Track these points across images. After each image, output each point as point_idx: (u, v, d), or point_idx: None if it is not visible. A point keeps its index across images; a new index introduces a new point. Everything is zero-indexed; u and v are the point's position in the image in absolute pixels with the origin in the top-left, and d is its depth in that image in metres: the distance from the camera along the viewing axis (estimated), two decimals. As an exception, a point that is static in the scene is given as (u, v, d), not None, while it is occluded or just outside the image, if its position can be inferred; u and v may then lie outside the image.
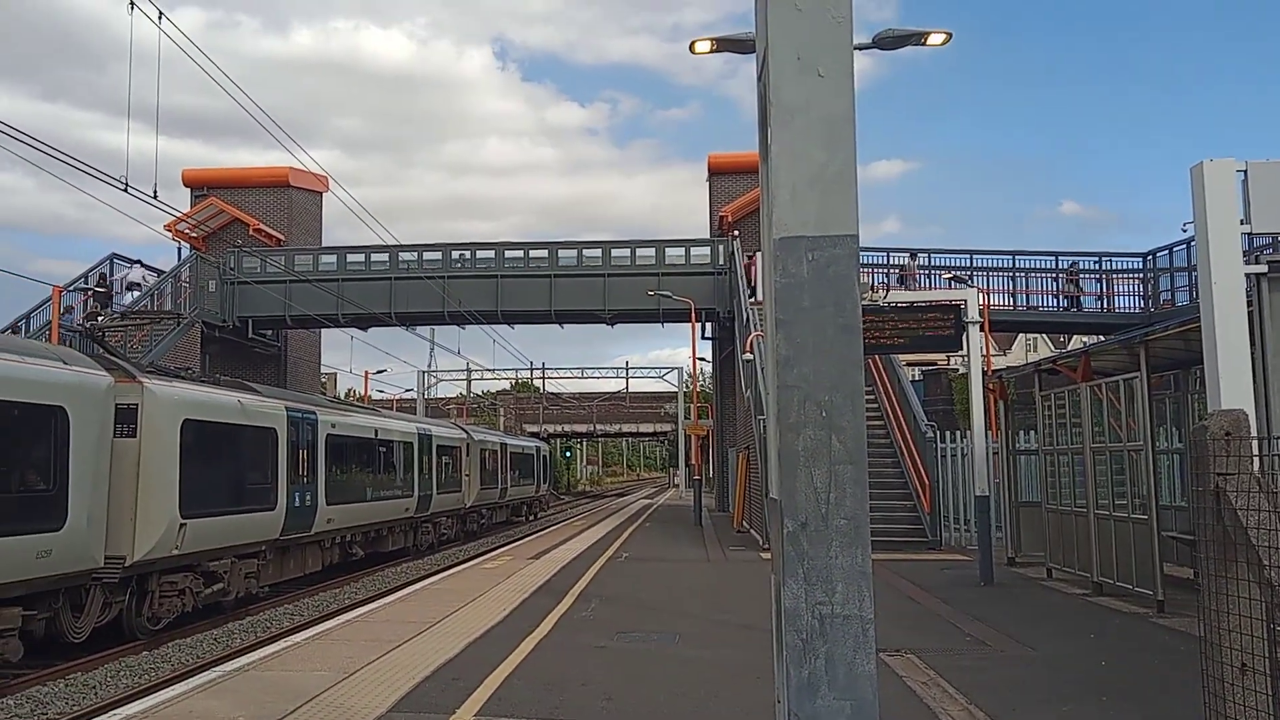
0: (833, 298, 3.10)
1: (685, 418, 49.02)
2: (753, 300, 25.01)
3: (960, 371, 33.36)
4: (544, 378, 63.65)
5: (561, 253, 30.95)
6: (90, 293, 26.11)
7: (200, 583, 14.04)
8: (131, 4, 12.00)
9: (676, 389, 61.05)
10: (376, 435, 21.88)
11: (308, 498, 17.48)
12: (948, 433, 20.85)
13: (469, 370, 59.20)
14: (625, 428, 79.20)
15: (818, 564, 3.04)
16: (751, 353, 22.18)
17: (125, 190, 12.87)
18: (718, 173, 34.58)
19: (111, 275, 27.11)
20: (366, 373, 50.50)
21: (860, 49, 13.56)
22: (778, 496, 3.18)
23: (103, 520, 11.64)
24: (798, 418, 3.09)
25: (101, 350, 13.95)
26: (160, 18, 12.22)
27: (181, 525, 13.09)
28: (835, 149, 3.14)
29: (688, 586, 14.57)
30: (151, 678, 10.96)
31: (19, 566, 10.26)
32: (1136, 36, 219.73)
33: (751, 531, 24.22)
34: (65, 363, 11.43)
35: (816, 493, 3.06)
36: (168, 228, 30.78)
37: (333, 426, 19.03)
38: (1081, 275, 28.70)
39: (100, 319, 22.36)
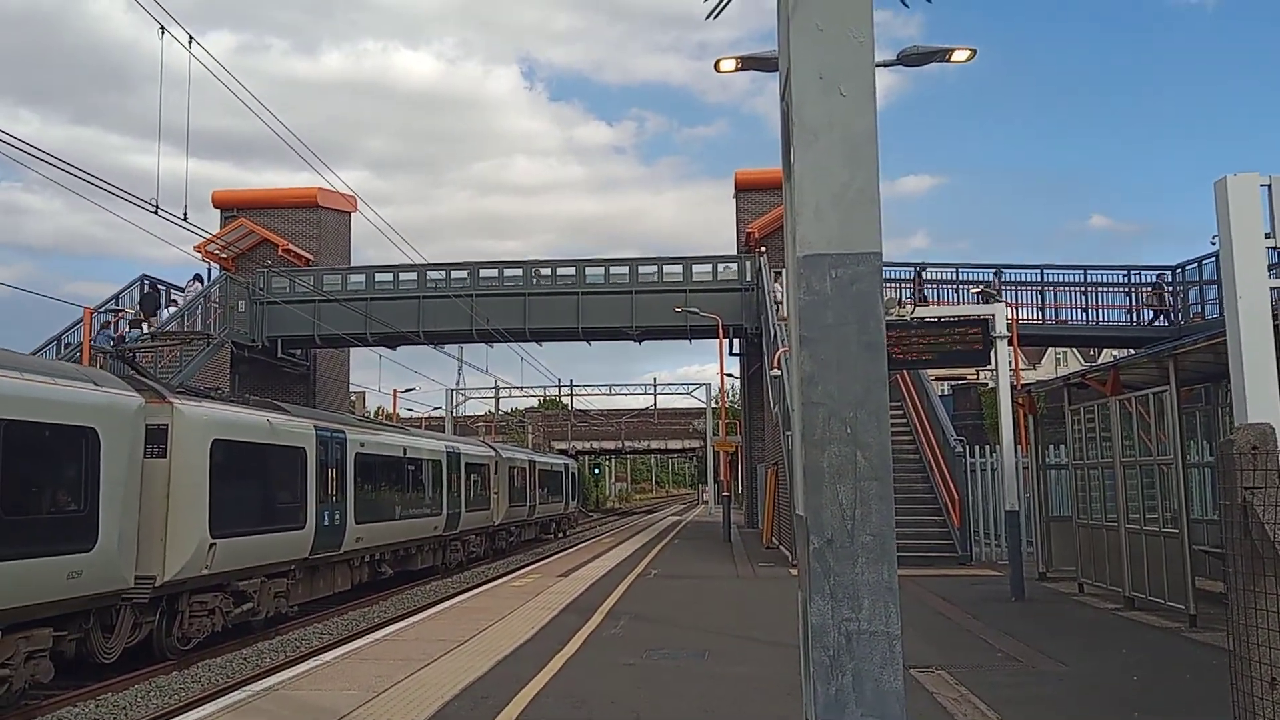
0: (856, 315, 3.12)
1: (713, 434, 48.94)
2: (780, 316, 25.01)
3: (989, 386, 33.13)
4: (572, 395, 63.88)
5: (589, 270, 31.07)
6: (129, 312, 26.63)
7: (230, 602, 14.11)
8: (162, 29, 12.22)
9: (705, 405, 60.98)
10: (405, 454, 21.96)
11: (336, 516, 17.56)
12: (977, 447, 20.70)
13: (497, 388, 59.52)
14: (654, 444, 79.16)
15: (844, 580, 3.05)
16: (779, 368, 22.15)
17: (156, 212, 13.10)
18: (745, 189, 34.63)
19: (143, 292, 27.57)
20: (395, 391, 50.97)
21: (884, 66, 13.58)
22: (803, 513, 3.20)
23: (133, 540, 11.67)
24: (822, 434, 3.10)
25: (132, 371, 14.15)
26: (190, 42, 12.45)
27: (211, 545, 13.14)
28: (858, 167, 3.17)
29: (717, 603, 14.53)
30: (181, 698, 11.07)
31: (50, 588, 10.30)
32: (1166, 48, 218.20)
33: (781, 548, 24.11)
34: (96, 384, 11.52)
35: (842, 509, 3.07)
36: (197, 249, 31.21)
37: (361, 445, 19.10)
38: (1166, 290, 28.24)
39: (130, 337, 22.81)
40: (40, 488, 10.56)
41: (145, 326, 26.11)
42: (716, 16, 5.20)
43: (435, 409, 60.56)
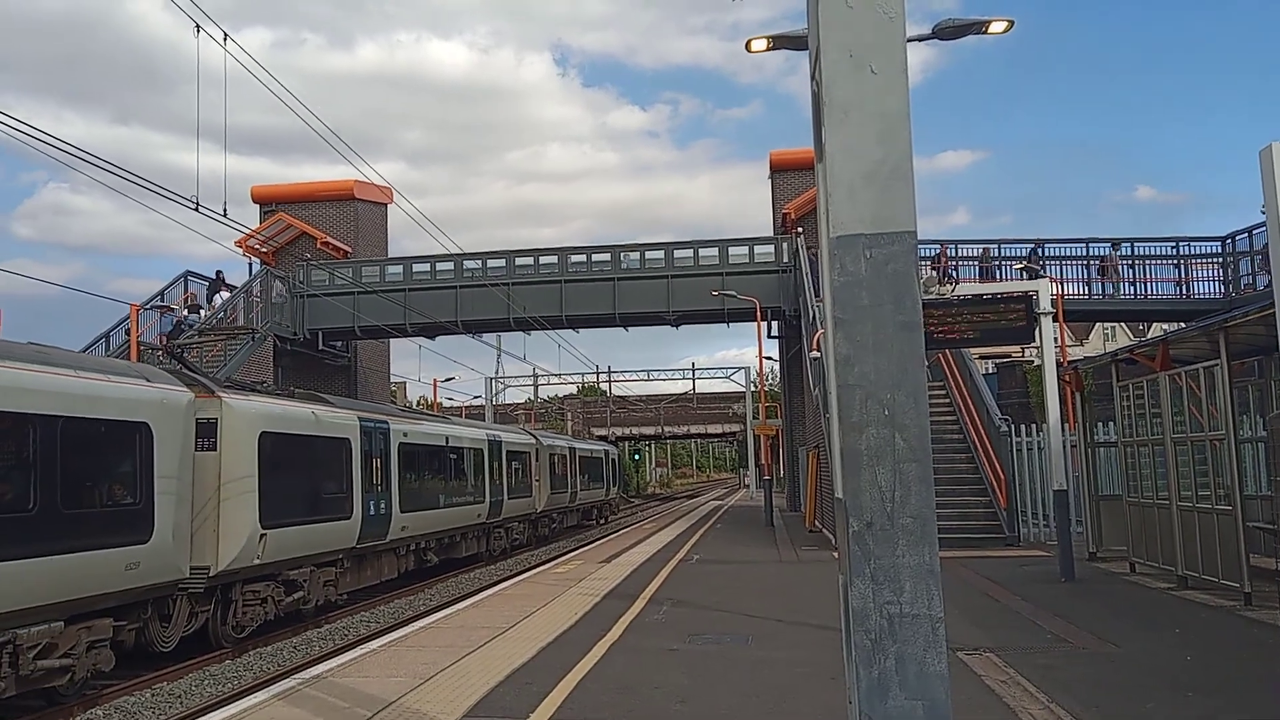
0: (892, 295, 3.07)
1: (754, 418, 48.79)
2: (817, 298, 24.83)
3: (1034, 363, 32.64)
4: (610, 381, 63.93)
5: (625, 256, 31.01)
6: (194, 296, 27.55)
7: (281, 591, 14.36)
8: (198, 27, 12.33)
9: (744, 389, 60.79)
10: (447, 442, 22.14)
11: (382, 506, 17.74)
12: (1023, 426, 20.42)
13: (535, 375, 59.70)
14: (693, 429, 79.08)
15: (884, 563, 3.01)
16: (818, 351, 22.00)
17: (196, 209, 13.22)
18: (780, 170, 34.36)
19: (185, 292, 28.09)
20: (435, 381, 51.30)
21: (920, 40, 13.39)
22: (842, 496, 3.17)
23: (187, 532, 11.94)
24: (860, 417, 3.07)
25: (181, 367, 14.36)
26: (225, 39, 12.55)
27: (262, 535, 13.39)
28: (891, 145, 3.12)
29: (759, 588, 14.51)
30: (234, 686, 11.29)
31: (109, 578, 10.57)
32: (1211, 12, 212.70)
33: (824, 531, 24.02)
34: (148, 380, 11.74)
35: (881, 492, 3.03)
36: (238, 244, 31.64)
37: (404, 435, 19.27)
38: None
39: (181, 336, 23.30)
40: (98, 482, 10.78)
41: (202, 313, 27.01)
42: (745, -4, 5.13)
43: (475, 398, 61.03)
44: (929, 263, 26.96)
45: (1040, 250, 27.84)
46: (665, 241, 31.48)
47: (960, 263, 27.74)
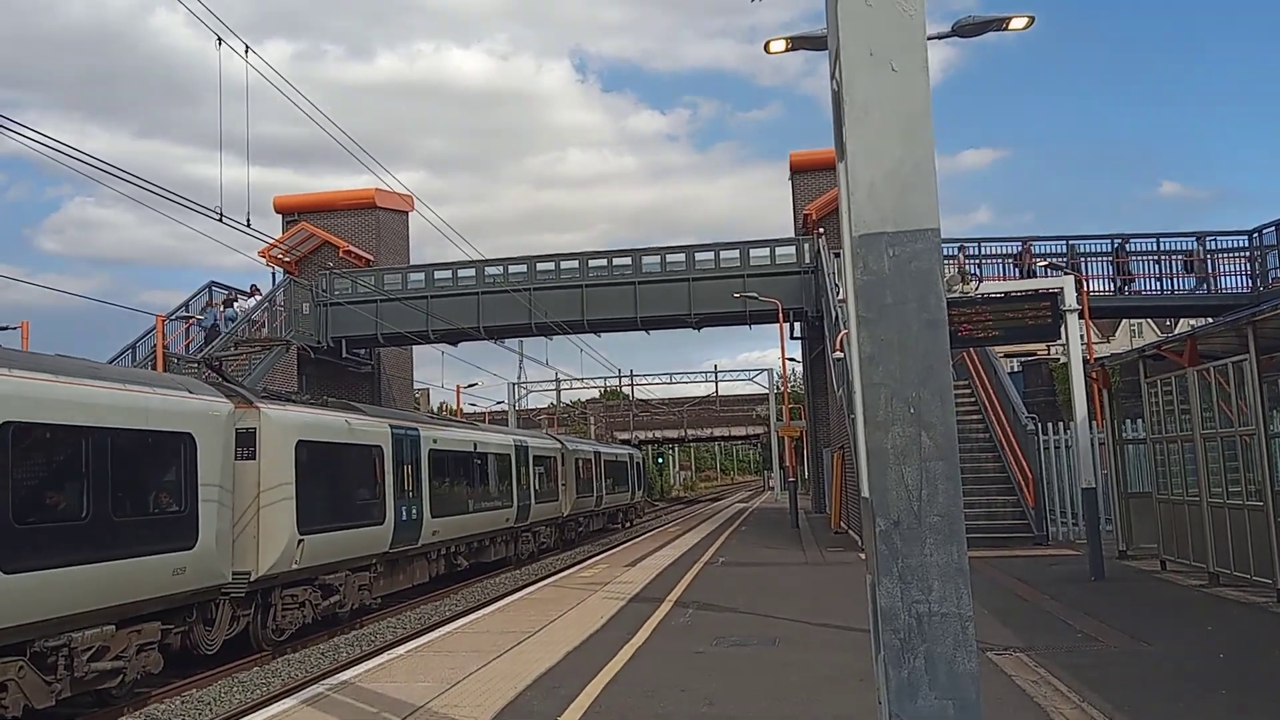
0: (916, 293, 3.06)
1: (777, 419, 48.65)
2: (840, 299, 24.72)
3: (1061, 361, 32.37)
4: (632, 384, 63.93)
5: (645, 259, 31.01)
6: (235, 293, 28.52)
7: (318, 595, 14.68)
8: (219, 40, 12.45)
9: (767, 391, 60.63)
10: (475, 448, 22.42)
11: (414, 511, 18.02)
12: (1050, 424, 20.25)
13: (558, 380, 59.85)
14: (717, 432, 78.84)
15: (912, 562, 3.00)
16: (842, 351, 21.91)
17: (220, 220, 13.34)
18: (800, 171, 34.26)
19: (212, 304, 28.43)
20: (458, 387, 51.51)
21: (940, 38, 13.32)
22: (869, 495, 3.16)
23: (229, 538, 12.30)
24: (885, 415, 3.06)
25: (219, 378, 14.69)
26: (247, 51, 12.66)
27: (300, 541, 13.73)
28: (912, 143, 3.11)
29: (785, 590, 14.46)
30: (262, 692, 11.38)
31: (158, 583, 10.96)
32: (1233, 6, 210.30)
33: (850, 532, 23.92)
34: (190, 392, 12.16)
35: (908, 490, 3.02)
36: (261, 254, 31.87)
37: (434, 441, 19.55)
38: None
39: (227, 316, 24.02)
40: (146, 491, 11.19)
41: (236, 306, 27.76)
42: (763, -3, 5.13)
43: (498, 403, 61.15)
44: (951, 261, 26.76)
45: (1069, 246, 27.57)
46: (686, 244, 31.45)
47: (987, 260, 27.51)
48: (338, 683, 9.03)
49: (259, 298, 28.81)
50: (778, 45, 12.73)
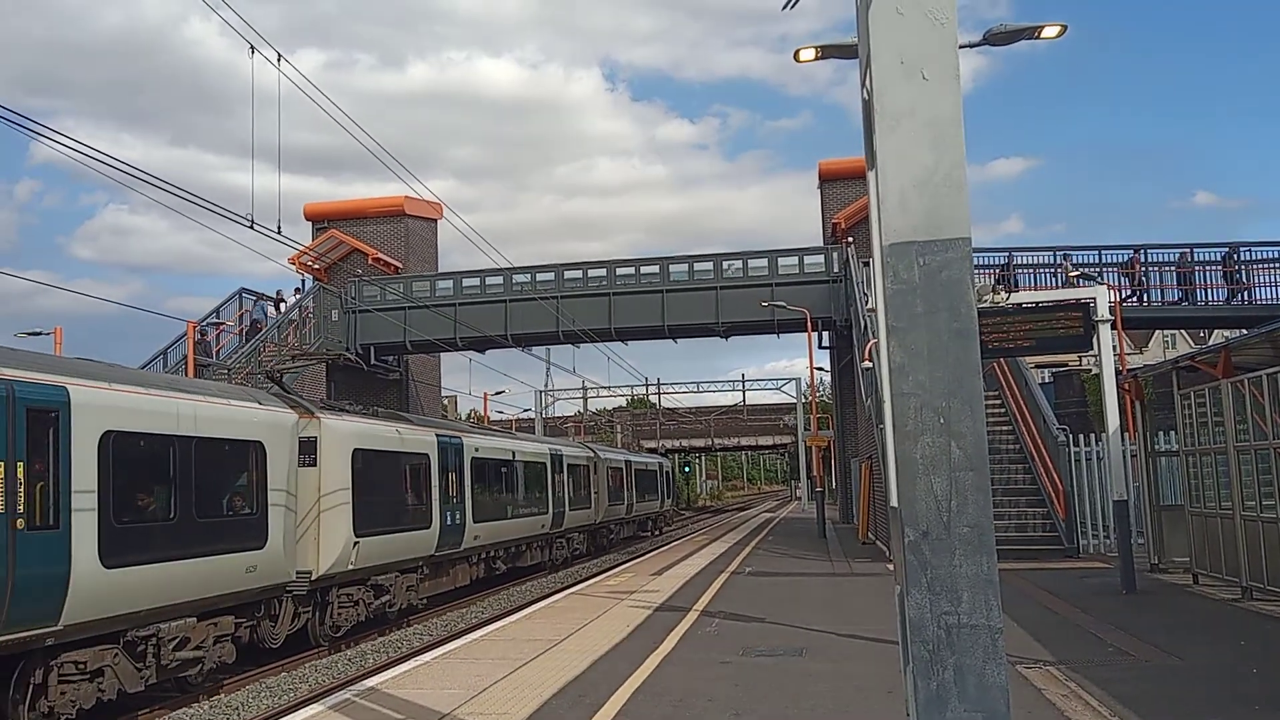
0: (946, 302, 3.05)
1: (805, 429, 48.41)
2: (869, 308, 24.59)
3: (1092, 371, 31.99)
4: (659, 393, 63.85)
5: (673, 267, 31.01)
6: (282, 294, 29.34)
7: (371, 595, 15.41)
8: (252, 49, 12.59)
9: (795, 400, 60.37)
10: (514, 457, 23.12)
11: (457, 516, 18.72)
12: (1081, 436, 20.02)
13: (585, 388, 59.91)
14: (744, 441, 78.55)
15: (941, 573, 2.98)
16: (870, 361, 21.79)
17: (251, 227, 13.46)
18: (829, 179, 34.16)
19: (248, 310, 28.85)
20: (485, 394, 51.75)
21: (971, 47, 13.25)
22: (897, 505, 3.14)
23: (293, 539, 13.10)
24: (915, 425, 3.04)
25: (281, 389, 15.37)
26: (280, 60, 12.79)
27: (355, 543, 14.49)
28: (943, 152, 3.10)
29: (812, 600, 14.39)
30: (290, 698, 11.49)
31: (233, 579, 11.83)
32: (1269, 14, 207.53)
33: (877, 543, 23.76)
34: (260, 403, 13.04)
35: (937, 501, 3.00)
36: (291, 261, 32.17)
37: (476, 450, 20.28)
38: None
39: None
40: (223, 495, 12.04)
41: (281, 307, 28.76)
42: (793, 7, 5.13)
43: (525, 411, 61.28)
44: (994, 270, 26.54)
45: (1101, 257, 27.25)
46: (714, 253, 31.42)
47: (1020, 270, 27.26)
48: (365, 688, 9.08)
49: (290, 301, 29.28)
50: (808, 54, 12.71)
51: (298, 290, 30.70)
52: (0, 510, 8.66)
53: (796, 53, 12.82)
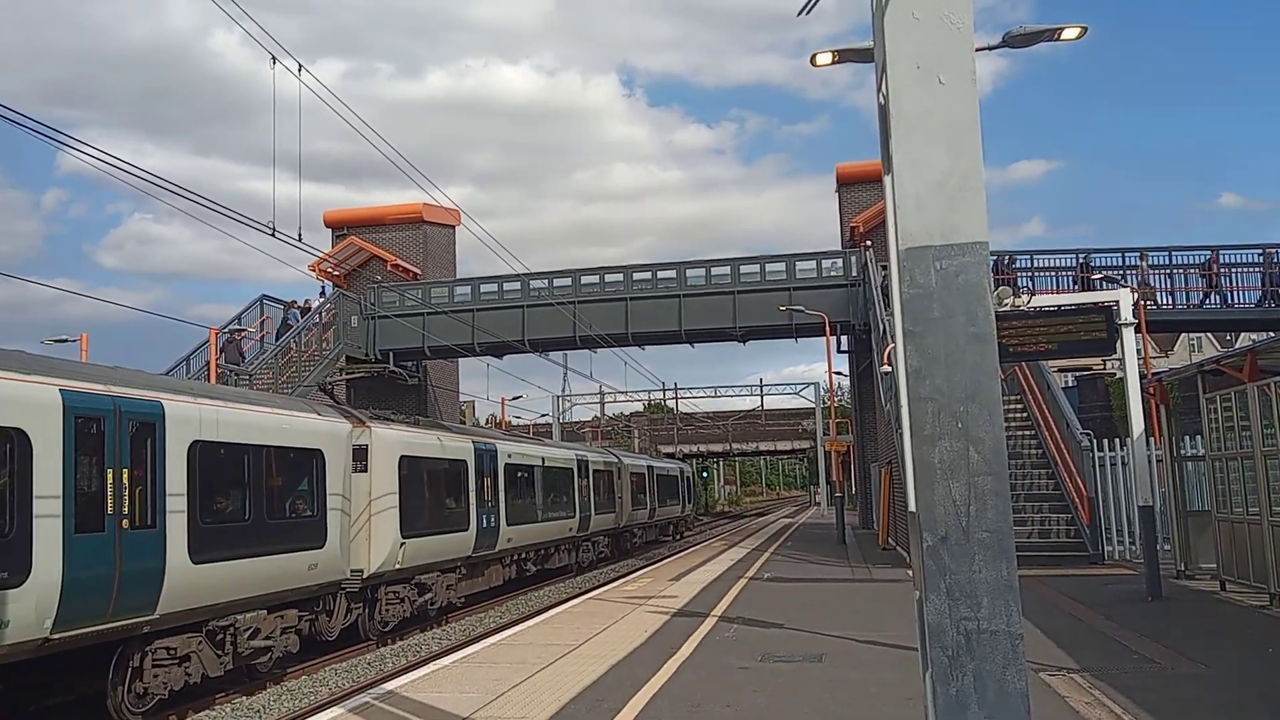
0: (963, 307, 3.03)
1: (824, 434, 48.24)
2: (887, 311, 24.47)
3: (1117, 376, 31.70)
4: (677, 398, 63.82)
5: (689, 272, 30.96)
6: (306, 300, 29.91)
7: (415, 593, 16.35)
8: (274, 59, 12.69)
9: (813, 405, 60.17)
10: (543, 462, 23.97)
11: (492, 519, 19.70)
12: (1105, 440, 19.84)
13: (602, 393, 59.90)
14: (762, 446, 78.39)
15: (960, 578, 2.96)
16: (889, 365, 21.68)
17: (273, 234, 13.57)
18: (847, 183, 34.07)
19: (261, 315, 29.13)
20: (503, 399, 51.88)
21: (990, 49, 13.17)
22: (916, 510, 3.12)
23: (348, 540, 14.16)
24: (933, 430, 3.03)
25: (331, 401, 16.47)
26: (300, 70, 12.89)
27: (402, 544, 15.49)
28: (960, 156, 3.08)
29: (831, 606, 14.32)
30: (310, 701, 11.58)
31: (298, 576, 12.86)
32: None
33: (898, 549, 23.63)
34: (319, 414, 14.20)
35: (956, 505, 2.98)
36: (311, 268, 32.39)
37: (509, 456, 21.25)
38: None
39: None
40: (289, 498, 13.13)
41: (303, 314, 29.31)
42: (809, 12, 5.12)
43: (542, 416, 61.40)
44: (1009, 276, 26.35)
45: (1123, 259, 27.02)
46: (731, 257, 31.33)
47: (1039, 273, 27.08)
48: (383, 692, 9.10)
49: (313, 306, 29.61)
50: (824, 58, 12.68)
51: (321, 294, 31.10)
52: (109, 511, 9.69)
53: (813, 57, 12.79)
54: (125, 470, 9.92)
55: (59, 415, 9.28)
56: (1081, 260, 26.96)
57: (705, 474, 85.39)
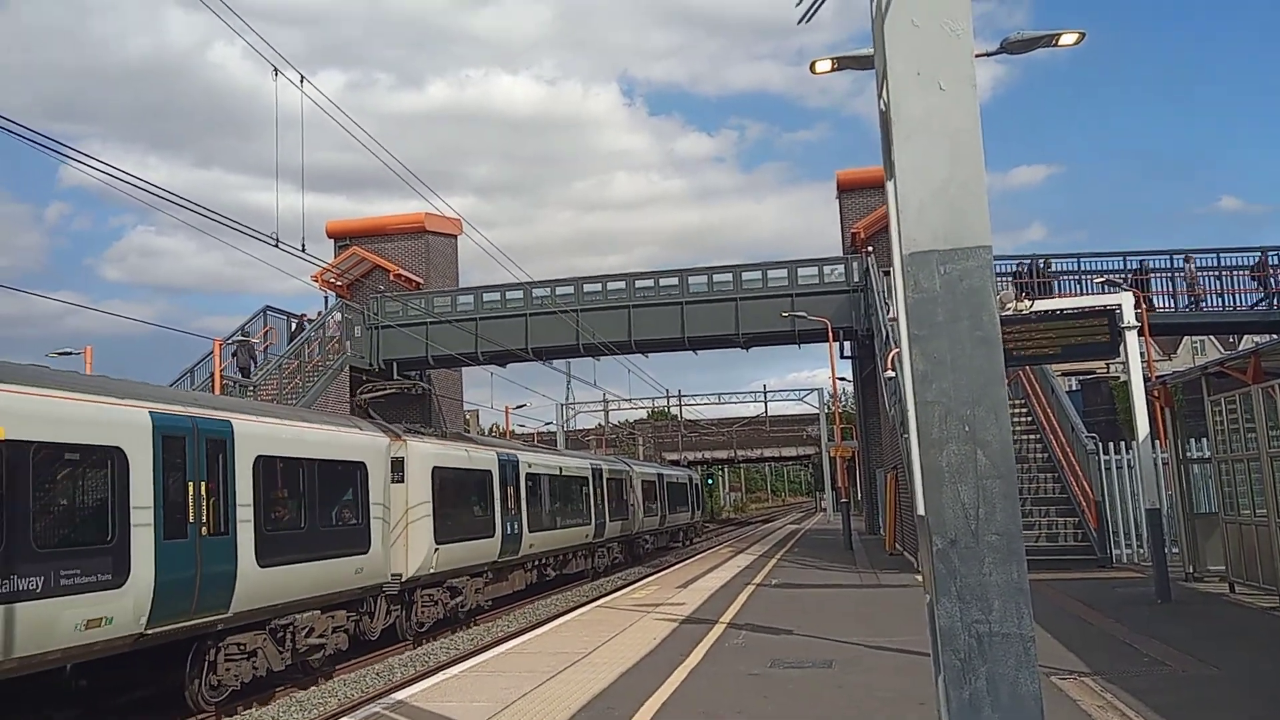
0: (968, 310, 3.05)
1: (829, 440, 48.21)
2: (891, 317, 24.47)
3: (1121, 378, 31.71)
4: (681, 405, 63.74)
5: (692, 279, 31.04)
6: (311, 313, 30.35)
7: (447, 596, 17.38)
8: (276, 71, 12.74)
9: (817, 411, 60.10)
10: (561, 471, 24.81)
11: (515, 526, 20.70)
12: (1111, 444, 19.80)
13: (606, 401, 59.90)
14: (767, 452, 78.25)
15: (971, 581, 2.97)
16: (893, 369, 21.67)
17: (276, 245, 13.61)
18: (847, 190, 34.12)
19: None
20: (507, 408, 51.83)
21: (989, 55, 13.19)
22: (924, 514, 3.13)
23: (388, 546, 15.12)
24: (940, 433, 3.04)
25: (370, 416, 17.20)
26: (302, 82, 12.94)
27: (435, 550, 16.53)
28: (961, 161, 3.10)
29: (840, 612, 14.29)
30: (320, 711, 11.57)
31: (347, 579, 13.84)
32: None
33: (905, 554, 23.58)
34: (361, 429, 15.24)
35: (964, 509, 2.99)
36: (315, 278, 32.45)
37: (530, 465, 22.15)
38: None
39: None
40: (338, 507, 14.10)
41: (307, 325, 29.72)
42: (809, 20, 5.15)
43: (546, 424, 61.42)
44: (1010, 278, 26.36)
45: (1126, 263, 27.02)
46: (733, 264, 31.42)
47: (1042, 279, 27.07)
48: (393, 702, 9.10)
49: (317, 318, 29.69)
50: (824, 65, 12.69)
51: (326, 304, 31.33)
52: (191, 520, 10.70)
53: (813, 64, 12.80)
54: (203, 483, 10.99)
55: (149, 434, 10.31)
56: (1137, 264, 26.90)
57: (710, 480, 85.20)
